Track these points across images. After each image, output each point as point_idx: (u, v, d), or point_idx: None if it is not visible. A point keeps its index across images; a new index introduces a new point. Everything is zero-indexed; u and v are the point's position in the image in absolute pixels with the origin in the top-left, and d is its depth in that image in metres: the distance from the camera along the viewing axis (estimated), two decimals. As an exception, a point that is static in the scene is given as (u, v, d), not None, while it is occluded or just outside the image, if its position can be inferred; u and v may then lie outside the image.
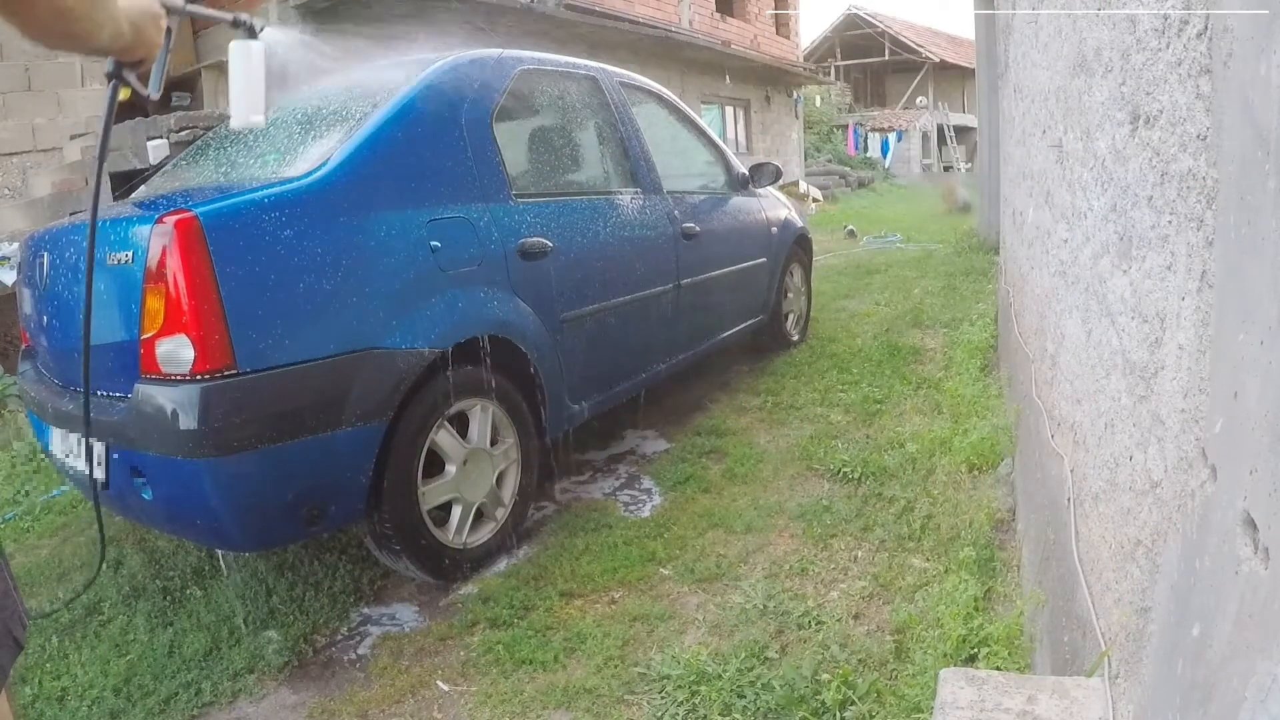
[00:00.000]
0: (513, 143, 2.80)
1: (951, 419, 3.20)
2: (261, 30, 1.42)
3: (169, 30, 1.16)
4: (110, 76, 1.12)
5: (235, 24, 1.40)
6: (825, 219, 11.99)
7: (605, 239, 2.87)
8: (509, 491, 2.49)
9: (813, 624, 1.98)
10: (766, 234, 4.15)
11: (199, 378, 1.79)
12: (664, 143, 3.58)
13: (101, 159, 1.23)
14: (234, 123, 1.39)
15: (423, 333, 2.15)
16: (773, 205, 4.33)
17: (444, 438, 2.27)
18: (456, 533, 2.33)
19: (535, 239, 2.54)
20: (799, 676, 1.74)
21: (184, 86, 7.50)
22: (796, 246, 4.52)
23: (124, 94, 1.14)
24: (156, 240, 1.81)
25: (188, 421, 1.78)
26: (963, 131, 24.62)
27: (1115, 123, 1.16)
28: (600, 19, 9.62)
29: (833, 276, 6.87)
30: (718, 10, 14.04)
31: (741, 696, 1.72)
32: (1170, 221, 0.90)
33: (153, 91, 1.21)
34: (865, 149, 23.08)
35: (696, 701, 1.72)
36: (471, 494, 2.36)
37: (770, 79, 15.43)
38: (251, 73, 1.38)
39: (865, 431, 3.26)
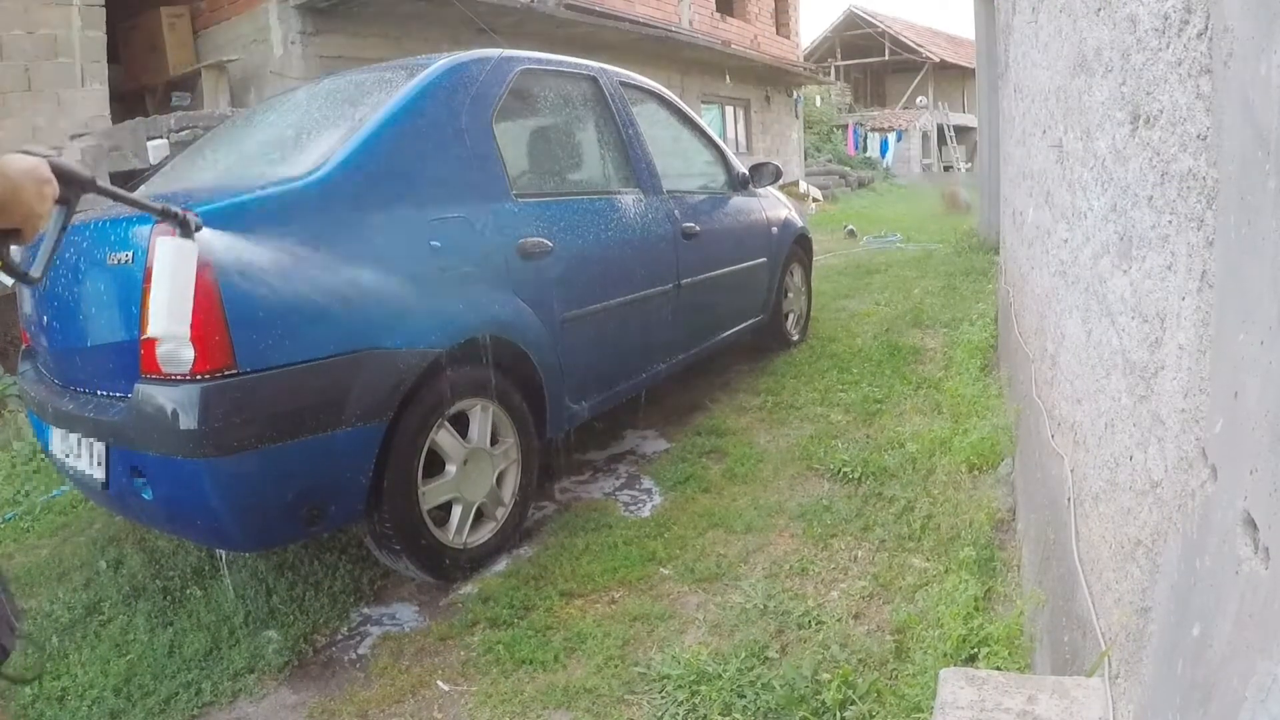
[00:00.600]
0: (513, 143, 2.80)
1: (951, 419, 3.20)
2: (198, 229, 1.23)
3: (67, 202, 0.97)
4: None
5: (164, 215, 1.18)
6: (825, 219, 11.98)
7: (605, 239, 2.87)
8: (509, 491, 2.49)
9: (813, 624, 1.98)
10: (766, 234, 4.15)
11: (199, 378, 1.79)
12: (664, 143, 3.58)
13: None
14: (152, 331, 1.23)
15: (423, 333, 2.15)
16: (773, 205, 4.32)
17: (444, 437, 2.27)
18: (456, 532, 2.33)
19: (535, 239, 2.54)
20: (799, 676, 1.74)
21: (184, 86, 7.51)
22: (796, 246, 4.51)
23: None
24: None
25: (188, 421, 1.78)
26: (963, 131, 24.60)
27: (1115, 123, 1.16)
28: (600, 19, 9.62)
29: (833, 276, 6.87)
30: (718, 10, 14.04)
31: (741, 696, 1.72)
32: (1170, 221, 0.90)
33: (32, 270, 0.98)
34: (865, 149, 23.09)
35: (696, 701, 1.72)
36: (472, 494, 2.36)
37: (770, 79, 15.43)
38: (179, 277, 1.20)
39: (865, 431, 3.26)
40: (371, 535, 2.22)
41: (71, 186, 0.97)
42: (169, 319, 1.22)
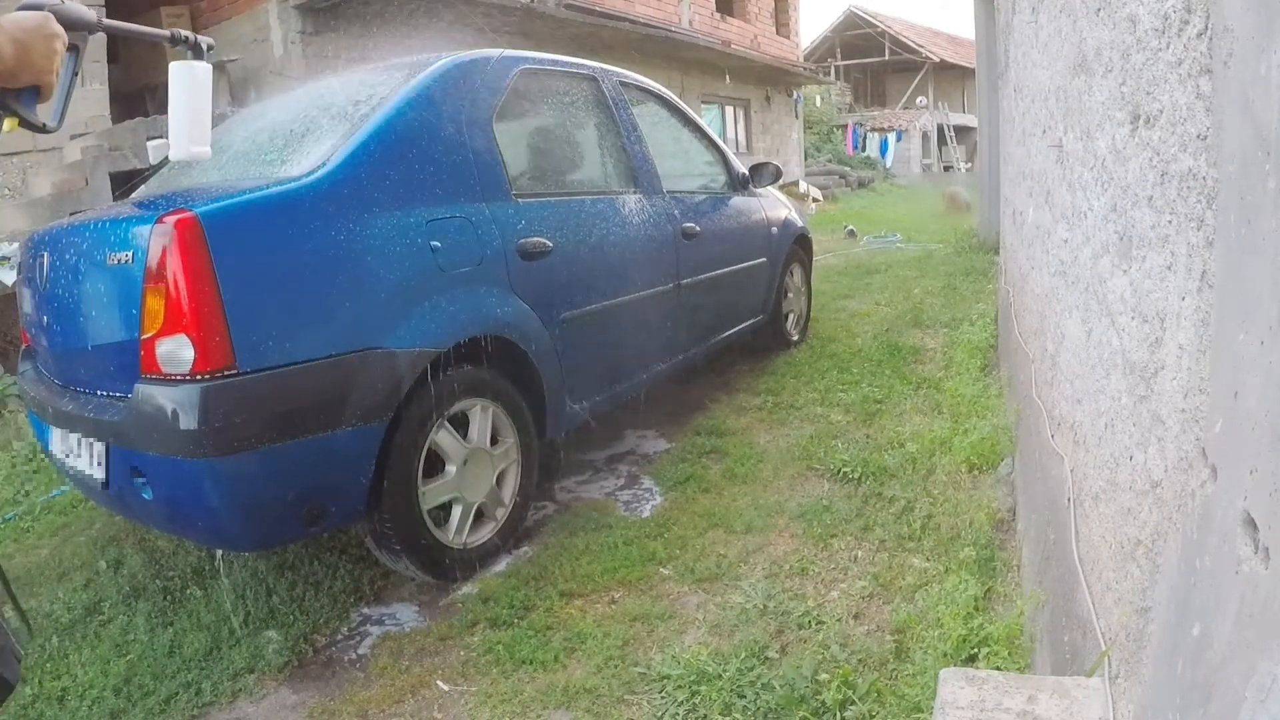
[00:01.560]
0: (513, 142, 2.80)
1: (951, 419, 3.19)
2: (209, 50, 1.26)
3: (76, 49, 1.00)
4: None
5: (174, 42, 1.22)
6: (825, 219, 11.99)
7: (605, 239, 2.87)
8: (509, 491, 2.49)
9: (813, 624, 1.98)
10: (766, 234, 4.15)
11: (199, 378, 1.79)
12: (664, 143, 3.57)
13: None
14: (173, 154, 1.24)
15: (423, 333, 2.15)
16: (773, 205, 4.32)
17: (444, 438, 2.27)
18: (456, 533, 2.33)
19: (535, 239, 2.54)
20: (799, 676, 1.74)
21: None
22: (796, 246, 4.51)
23: (9, 125, 0.96)
24: (156, 240, 1.81)
25: (188, 421, 1.78)
26: (963, 131, 24.60)
27: (1115, 122, 1.16)
28: (600, 19, 9.62)
29: (833, 276, 6.87)
30: (718, 10, 14.04)
31: (742, 696, 1.72)
32: (1170, 221, 0.90)
33: (50, 122, 1.03)
34: (864, 149, 23.08)
35: (696, 701, 1.72)
36: (472, 494, 2.36)
37: (770, 79, 15.43)
38: (195, 98, 1.23)
39: (865, 431, 3.26)
40: (371, 535, 2.22)
41: (79, 31, 0.99)
42: (190, 138, 1.23)
